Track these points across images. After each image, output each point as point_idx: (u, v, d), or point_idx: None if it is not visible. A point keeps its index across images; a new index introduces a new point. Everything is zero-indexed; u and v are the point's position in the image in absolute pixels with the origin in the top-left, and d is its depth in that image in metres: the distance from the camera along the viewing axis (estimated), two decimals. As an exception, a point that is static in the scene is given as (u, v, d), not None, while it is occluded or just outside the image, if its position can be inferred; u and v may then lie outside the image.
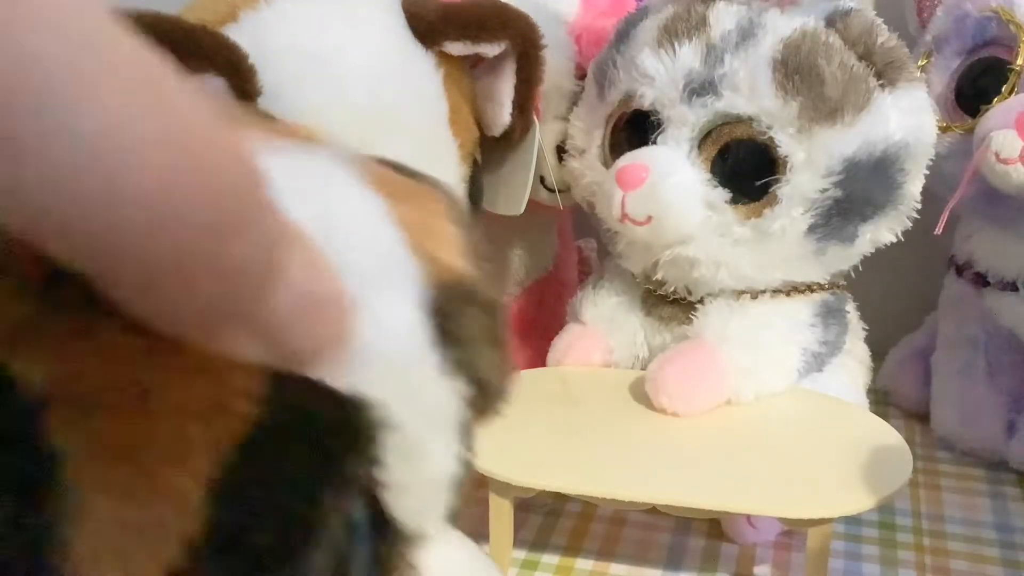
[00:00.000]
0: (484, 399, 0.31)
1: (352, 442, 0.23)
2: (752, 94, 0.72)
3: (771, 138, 0.72)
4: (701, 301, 0.78)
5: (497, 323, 0.32)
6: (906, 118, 0.72)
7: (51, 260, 0.18)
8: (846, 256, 0.77)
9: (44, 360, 0.20)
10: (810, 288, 0.80)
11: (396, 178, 0.32)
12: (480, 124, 0.77)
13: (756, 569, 0.75)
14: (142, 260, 0.18)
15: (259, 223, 0.21)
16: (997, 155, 0.78)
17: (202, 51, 0.58)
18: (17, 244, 0.19)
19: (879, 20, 0.74)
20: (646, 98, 0.76)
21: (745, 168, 0.74)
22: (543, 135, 0.82)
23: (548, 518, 0.82)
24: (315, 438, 0.22)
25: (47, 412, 0.20)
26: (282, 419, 0.22)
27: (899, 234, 0.76)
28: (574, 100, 0.86)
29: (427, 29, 0.70)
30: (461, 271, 0.31)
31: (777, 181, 0.72)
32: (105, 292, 0.19)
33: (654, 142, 0.75)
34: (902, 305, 1.03)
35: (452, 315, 0.28)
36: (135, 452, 0.20)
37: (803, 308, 0.79)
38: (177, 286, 0.19)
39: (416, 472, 0.27)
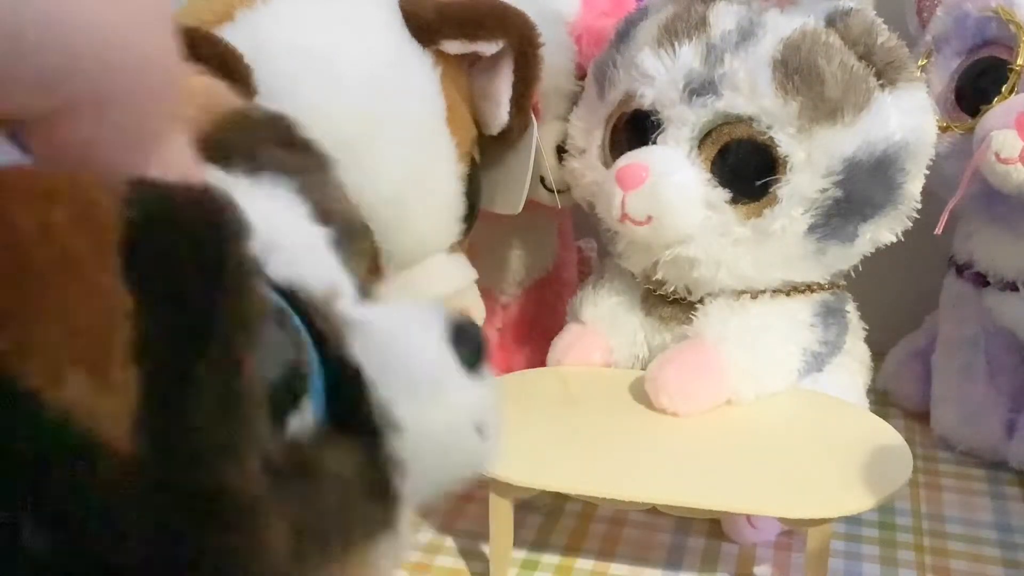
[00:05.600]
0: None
1: (228, 229, 0.24)
2: (752, 94, 0.72)
3: (771, 138, 0.72)
4: (701, 301, 0.78)
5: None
6: (906, 118, 0.72)
7: None
8: (846, 256, 0.77)
9: None
10: (810, 288, 0.80)
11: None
12: (478, 123, 0.77)
13: (756, 569, 0.75)
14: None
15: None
16: (997, 155, 0.78)
17: (196, 52, 0.58)
18: None
19: (879, 20, 0.74)
20: (646, 98, 0.75)
21: (745, 168, 0.73)
22: (543, 135, 0.82)
23: (548, 518, 0.82)
24: (190, 224, 0.23)
25: None
26: (151, 218, 0.23)
27: (899, 234, 0.76)
28: (574, 100, 0.86)
29: (424, 27, 0.70)
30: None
31: (777, 181, 0.72)
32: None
33: (654, 142, 0.75)
34: (902, 305, 1.03)
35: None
36: (31, 285, 0.21)
37: (803, 308, 0.78)
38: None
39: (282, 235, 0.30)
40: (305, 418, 0.28)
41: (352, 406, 0.30)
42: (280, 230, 0.29)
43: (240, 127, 0.34)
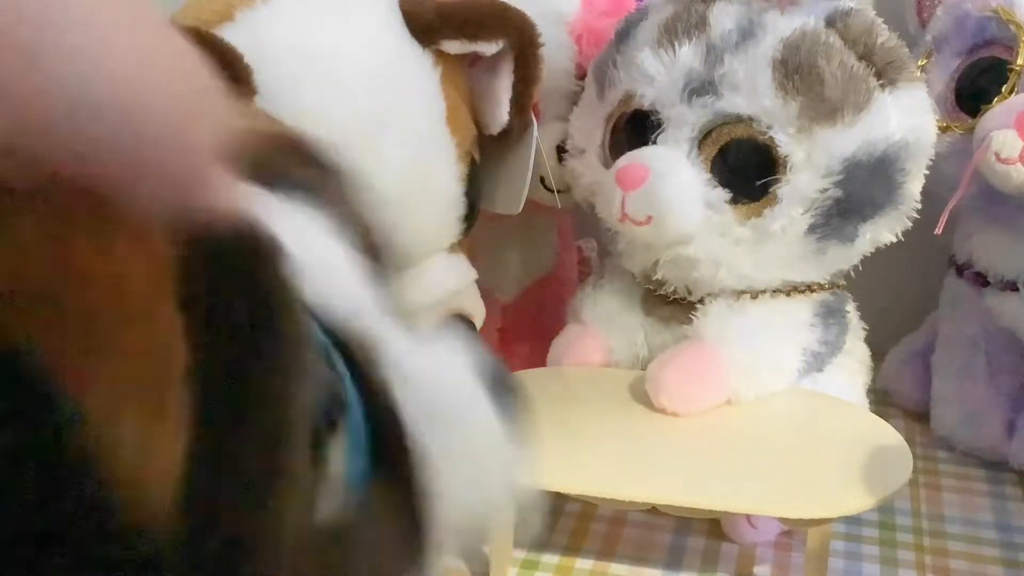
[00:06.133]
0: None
1: (266, 258, 0.24)
2: (752, 94, 0.72)
3: (771, 138, 0.72)
4: (701, 301, 0.78)
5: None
6: (906, 118, 0.72)
7: None
8: (846, 256, 0.77)
9: None
10: (810, 288, 0.80)
11: None
12: (478, 123, 0.77)
13: (756, 569, 0.75)
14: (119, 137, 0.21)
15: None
16: (997, 155, 0.78)
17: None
18: None
19: (879, 20, 0.74)
20: (646, 98, 0.75)
21: (745, 168, 0.73)
22: (543, 135, 0.82)
23: (548, 518, 0.82)
24: (238, 256, 0.23)
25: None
26: (204, 251, 0.23)
27: (899, 234, 0.76)
28: (574, 100, 0.86)
29: (424, 27, 0.70)
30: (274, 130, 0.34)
31: (777, 181, 0.72)
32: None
33: (654, 142, 0.75)
34: (902, 305, 1.03)
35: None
36: (97, 325, 0.21)
37: (803, 308, 0.78)
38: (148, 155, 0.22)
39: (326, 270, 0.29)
40: (343, 454, 0.28)
41: (387, 444, 0.29)
42: (316, 255, 0.29)
43: (275, 148, 0.33)
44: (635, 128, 0.78)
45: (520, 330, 0.98)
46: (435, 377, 0.31)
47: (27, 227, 0.21)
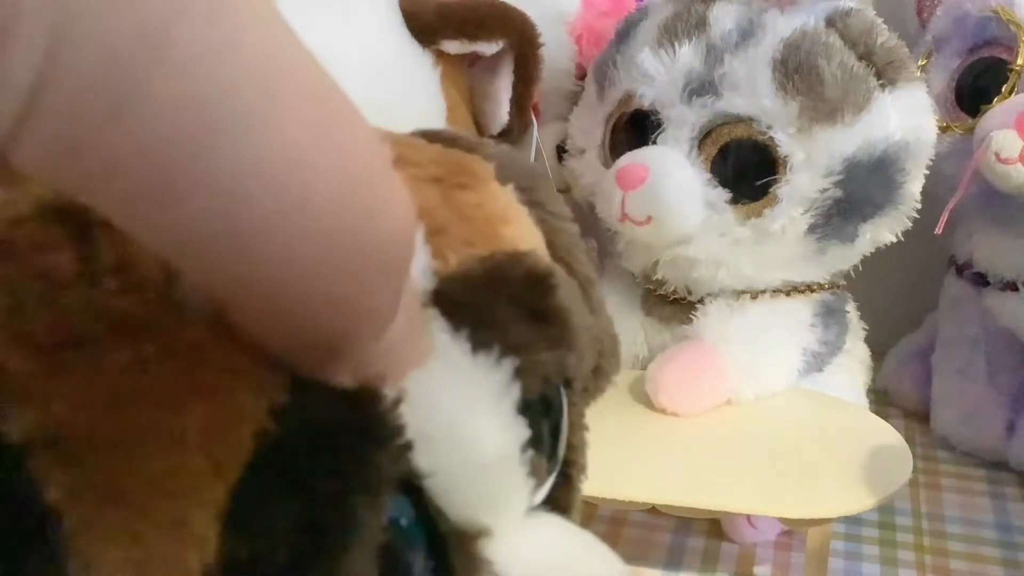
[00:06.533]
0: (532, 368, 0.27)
1: (373, 440, 0.22)
2: (752, 94, 0.72)
3: (771, 138, 0.72)
4: (701, 301, 0.78)
5: (555, 300, 0.29)
6: (906, 118, 0.72)
7: None
8: (846, 256, 0.77)
9: (19, 403, 0.19)
10: (810, 288, 0.80)
11: (448, 157, 0.29)
12: (478, 123, 0.77)
13: (756, 569, 0.75)
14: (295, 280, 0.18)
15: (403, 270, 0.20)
16: (997, 155, 0.78)
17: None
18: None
19: (879, 20, 0.74)
20: (646, 98, 0.75)
21: (745, 168, 0.73)
22: (543, 135, 0.82)
23: (548, 518, 0.81)
24: (331, 443, 0.20)
25: (30, 460, 0.19)
26: (295, 429, 0.20)
27: (899, 234, 0.76)
28: (574, 100, 0.86)
29: (424, 27, 0.70)
30: (525, 249, 0.28)
31: (777, 181, 0.72)
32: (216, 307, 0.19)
33: (654, 142, 0.75)
34: (902, 305, 1.03)
35: (499, 295, 0.26)
36: (132, 493, 0.19)
37: (803, 308, 0.78)
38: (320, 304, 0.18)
39: (459, 458, 0.25)
40: None
41: None
42: (455, 432, 0.24)
43: (483, 284, 0.26)
44: (635, 128, 0.78)
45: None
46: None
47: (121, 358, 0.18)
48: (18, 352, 0.18)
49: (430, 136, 0.29)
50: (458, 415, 0.23)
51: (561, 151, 0.86)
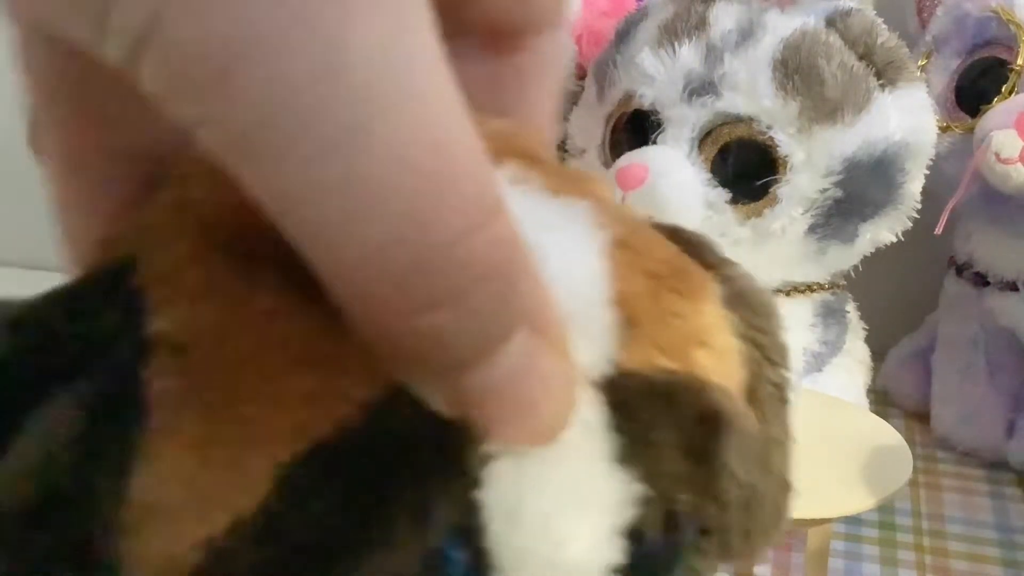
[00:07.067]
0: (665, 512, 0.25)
1: (448, 474, 0.21)
2: (752, 94, 0.72)
3: (771, 138, 0.72)
4: (701, 301, 0.78)
5: (715, 444, 0.25)
6: (906, 118, 0.72)
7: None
8: (846, 256, 0.77)
9: (172, 304, 0.20)
10: (810, 288, 0.80)
11: (677, 261, 0.26)
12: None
13: (756, 569, 0.75)
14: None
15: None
16: (997, 155, 0.78)
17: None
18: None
19: (879, 20, 0.74)
20: (646, 98, 0.76)
21: (745, 168, 0.73)
22: (543, 135, 0.82)
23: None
24: (403, 458, 0.20)
25: (152, 356, 0.20)
26: (377, 430, 0.20)
27: (899, 234, 0.76)
28: (574, 100, 0.86)
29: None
30: (715, 383, 0.25)
31: (777, 181, 0.72)
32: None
33: (654, 142, 0.75)
34: (902, 305, 1.03)
35: (650, 410, 0.23)
36: (215, 421, 0.20)
37: (803, 308, 0.79)
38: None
39: (539, 549, 0.23)
40: None
41: None
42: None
43: (658, 397, 0.24)
44: (635, 128, 0.78)
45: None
46: None
47: None
48: (201, 260, 0.19)
49: (671, 233, 0.27)
50: (561, 510, 0.22)
51: (561, 151, 0.86)
